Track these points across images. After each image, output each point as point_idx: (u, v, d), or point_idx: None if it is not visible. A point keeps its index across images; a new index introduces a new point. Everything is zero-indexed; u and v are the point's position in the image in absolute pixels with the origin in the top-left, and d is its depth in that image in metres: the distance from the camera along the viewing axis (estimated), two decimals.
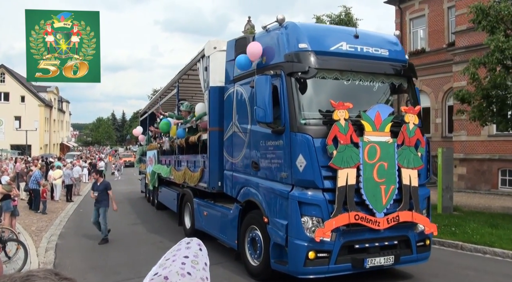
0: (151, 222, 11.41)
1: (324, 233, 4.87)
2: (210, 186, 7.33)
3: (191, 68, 9.47)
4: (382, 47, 5.81)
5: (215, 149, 7.29)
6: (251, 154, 5.99)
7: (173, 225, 10.77)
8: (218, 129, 7.27)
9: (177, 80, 10.50)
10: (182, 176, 9.30)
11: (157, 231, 10.07)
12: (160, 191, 13.05)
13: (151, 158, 14.20)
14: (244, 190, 6.20)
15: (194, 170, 8.45)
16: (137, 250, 8.01)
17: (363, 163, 5.14)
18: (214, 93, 7.33)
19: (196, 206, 8.30)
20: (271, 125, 5.30)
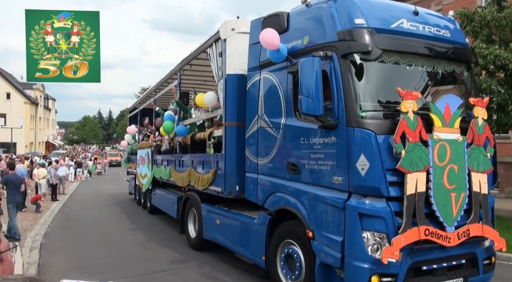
0: (138, 222, 11.13)
1: (393, 252, 3.90)
2: (226, 191, 6.28)
3: (197, 56, 8.38)
4: (442, 27, 4.88)
5: (233, 147, 6.24)
6: (286, 154, 4.97)
7: (163, 226, 10.52)
8: (237, 124, 6.22)
9: (179, 70, 9.37)
10: (185, 178, 8.20)
11: (144, 230, 9.91)
12: (154, 194, 11.88)
13: (143, 157, 13.00)
14: (275, 197, 5.18)
15: (203, 171, 7.37)
16: (123, 250, 7.94)
17: (433, 165, 4.20)
18: (232, 82, 6.27)
19: (205, 213, 7.23)
20: (320, 118, 4.29)
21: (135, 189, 15.05)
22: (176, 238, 8.85)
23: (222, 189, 6.41)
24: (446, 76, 4.86)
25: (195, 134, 8.15)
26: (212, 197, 7.36)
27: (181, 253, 7.61)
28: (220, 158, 6.57)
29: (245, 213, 6.08)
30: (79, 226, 10.87)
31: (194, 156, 8.08)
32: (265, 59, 5.44)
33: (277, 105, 5.19)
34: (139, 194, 14.30)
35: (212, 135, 7.07)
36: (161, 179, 10.76)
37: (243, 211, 6.29)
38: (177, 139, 9.37)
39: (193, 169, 7.88)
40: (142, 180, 13.05)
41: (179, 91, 9.34)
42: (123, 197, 16.83)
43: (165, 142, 10.38)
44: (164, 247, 8.12)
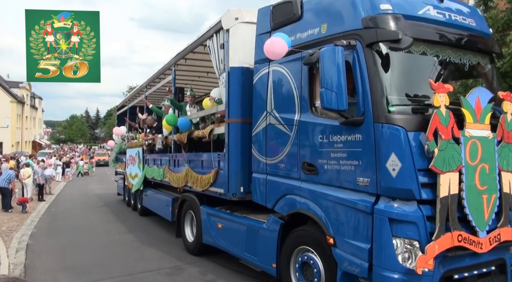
0: (127, 223, 10.90)
1: (427, 261, 3.53)
2: (230, 192, 5.84)
3: (193, 49, 7.92)
4: (467, 16, 4.53)
5: (237, 146, 5.81)
6: (300, 153, 4.56)
7: (152, 227, 10.27)
8: (241, 121, 5.79)
9: (174, 65, 8.88)
10: (182, 179, 7.73)
11: (131, 230, 9.74)
12: (145, 195, 11.35)
13: (133, 156, 12.45)
14: (288, 199, 4.77)
15: (203, 171, 6.91)
16: (110, 250, 7.82)
17: (465, 165, 3.85)
18: (235, 76, 5.83)
19: (205, 216, 6.77)
20: (344, 114, 3.89)
21: (124, 190, 14.46)
22: (164, 238, 8.76)
23: (224, 190, 5.97)
24: (471, 68, 4.51)
25: (192, 132, 7.68)
26: (212, 199, 6.92)
27: (169, 254, 7.44)
28: (222, 157, 6.13)
29: (252, 217, 5.66)
30: (66, 227, 10.62)
31: (192, 155, 7.61)
32: None
33: (290, 100, 4.78)
34: (128, 195, 13.73)
35: (213, 133, 6.61)
36: (154, 180, 10.25)
37: (248, 214, 5.86)
38: (171, 137, 8.90)
39: (190, 169, 7.41)
40: (132, 180, 12.51)
41: (174, 86, 8.85)
42: (111, 197, 16.31)
43: (158, 141, 9.86)
44: (152, 247, 8.00)
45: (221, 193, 6.16)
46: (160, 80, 10.69)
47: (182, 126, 8.08)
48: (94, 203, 15.45)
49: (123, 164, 14.10)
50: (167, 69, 9.72)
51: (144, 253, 7.52)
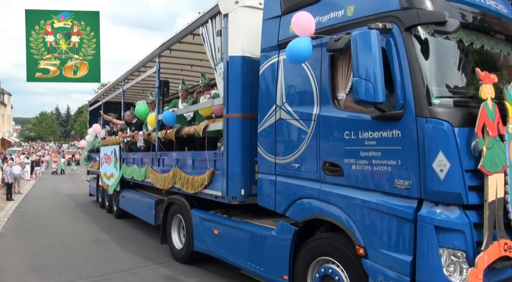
0: (97, 222, 10.68)
1: (477, 275, 3.10)
2: (229, 195, 5.26)
3: (182, 39, 7.27)
4: (497, 1, 4.16)
5: (237, 143, 5.24)
6: (321, 151, 4.04)
7: (123, 226, 10.06)
8: (242, 116, 5.22)
9: (158, 56, 8.16)
10: (169, 180, 7.06)
11: (102, 231, 9.55)
12: (122, 196, 10.55)
13: (108, 155, 11.58)
14: (304, 204, 4.24)
15: (195, 172, 6.28)
16: (80, 251, 7.64)
17: (510, 165, 3.46)
18: (235, 66, 5.25)
19: (197, 221, 6.14)
20: (381, 107, 3.40)
21: (97, 190, 13.54)
22: (135, 238, 8.64)
23: (222, 193, 5.38)
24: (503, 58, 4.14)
25: (181, 129, 7.02)
26: (204, 202, 6.31)
27: (140, 254, 7.32)
28: (219, 156, 5.53)
29: (255, 223, 5.10)
30: (35, 227, 10.29)
31: (182, 154, 6.96)
32: (287, 37, 4.48)
33: (306, 92, 4.25)
34: (102, 196, 12.84)
35: (207, 129, 5.99)
36: (134, 180, 9.49)
37: (250, 219, 5.30)
38: (155, 135, 8.18)
39: (179, 169, 6.76)
40: (107, 180, 11.64)
41: (158, 79, 8.13)
42: (83, 198, 15.43)
43: (139, 138, 9.10)
44: (123, 247, 7.88)
45: (217, 196, 5.56)
46: (140, 74, 9.93)
47: (167, 121, 7.41)
48: (64, 203, 14.68)
49: (97, 163, 13.17)
50: (149, 61, 8.99)
51: (114, 254, 7.39)
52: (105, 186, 11.74)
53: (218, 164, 5.58)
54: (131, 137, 9.81)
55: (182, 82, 7.90)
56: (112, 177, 11.19)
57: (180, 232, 7.12)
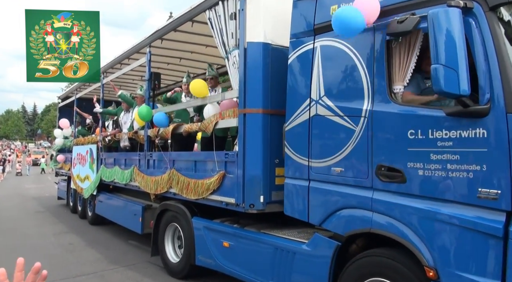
0: (63, 224, 10.35)
1: None
2: (246, 203, 4.54)
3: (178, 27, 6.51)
4: None
5: (257, 143, 4.53)
6: (374, 153, 3.41)
7: (89, 228, 9.81)
8: (263, 111, 4.53)
9: (149, 45, 7.32)
10: (163, 184, 6.25)
11: (68, 232, 9.32)
12: (99, 201, 9.56)
13: (82, 155, 10.54)
14: (350, 215, 3.59)
15: (198, 175, 5.51)
16: (45, 253, 7.33)
17: None
18: (255, 53, 4.56)
19: (200, 231, 5.38)
20: (465, 100, 2.82)
21: (67, 194, 12.40)
22: (101, 240, 8.43)
23: (237, 200, 4.66)
24: None
25: (179, 127, 6.23)
26: (205, 209, 5.58)
27: (106, 256, 7.13)
28: (232, 157, 4.80)
29: (279, 234, 4.41)
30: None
31: (182, 155, 6.16)
32: (326, 20, 3.85)
33: (353, 84, 3.62)
34: (74, 199, 11.72)
35: (216, 126, 5.24)
36: (114, 183, 8.54)
37: (269, 230, 4.62)
38: (143, 133, 7.34)
39: (177, 172, 5.96)
40: (81, 183, 10.58)
41: (148, 71, 7.28)
42: (51, 201, 14.26)
43: (123, 137, 8.19)
44: (88, 249, 7.72)
45: (229, 203, 4.83)
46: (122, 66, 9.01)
47: (159, 123, 6.58)
48: (30, 205, 13.69)
49: (68, 164, 12.01)
50: (135, 52, 8.12)
51: (80, 256, 7.23)
52: (79, 189, 10.65)
53: (230, 166, 4.86)
54: (112, 136, 8.86)
55: (187, 75, 7.10)
56: (87, 179, 10.16)
57: (175, 242, 6.32)
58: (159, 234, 6.43)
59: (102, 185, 9.38)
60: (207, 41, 7.66)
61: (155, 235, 6.51)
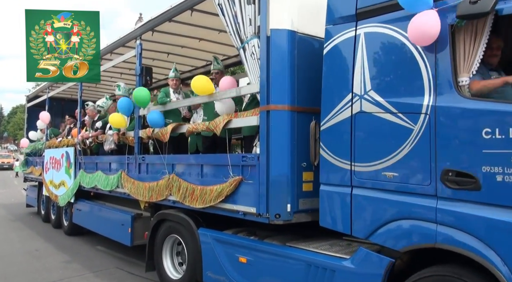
0: (30, 230, 9.98)
1: None
2: (270, 213, 3.96)
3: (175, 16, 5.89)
4: None
5: (285, 144, 3.95)
6: (439, 156, 2.93)
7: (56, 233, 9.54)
8: (291, 108, 3.98)
9: (139, 37, 6.61)
10: (160, 191, 5.58)
11: (34, 238, 9.04)
12: (78, 209, 8.70)
13: (56, 159, 9.62)
14: (407, 227, 3.10)
15: (205, 180, 4.87)
16: (10, 260, 7.21)
17: None
18: (281, 42, 3.98)
19: (209, 244, 4.74)
20: None
21: (39, 201, 11.34)
22: (68, 246, 8.21)
23: (259, 209, 4.07)
24: None
25: (178, 127, 5.58)
26: (211, 218, 4.98)
27: (74, 262, 7.00)
28: (252, 160, 4.21)
29: (309, 248, 3.87)
30: None
31: (185, 158, 5.50)
32: (370, 3, 3.37)
33: (409, 75, 3.13)
34: (46, 207, 10.70)
35: (229, 125, 4.64)
36: (96, 190, 7.73)
37: (297, 243, 4.07)
38: (133, 134, 6.62)
39: (177, 177, 5.30)
40: (55, 190, 9.63)
41: (139, 65, 6.57)
42: (19, 209, 13.08)
43: (108, 139, 7.40)
44: (55, 256, 7.50)
45: (248, 213, 4.23)
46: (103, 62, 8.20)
47: (154, 123, 5.89)
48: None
49: (39, 168, 10.98)
50: (121, 46, 7.37)
51: (47, 263, 6.99)
52: (53, 197, 9.69)
53: (249, 171, 4.26)
54: (94, 138, 8.04)
55: (174, 68, 6.43)
56: (63, 186, 9.24)
57: (173, 256, 5.64)
58: (155, 247, 5.73)
59: (81, 192, 8.53)
60: (203, 34, 7.07)
61: (150, 248, 5.80)
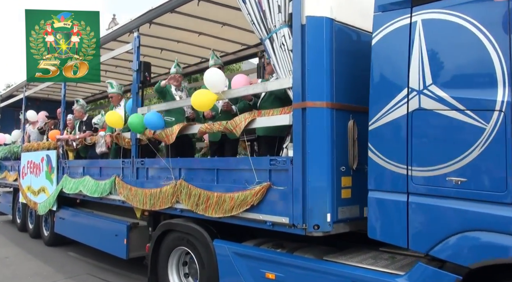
0: (5, 235, 9.69)
1: None
2: (308, 223, 3.50)
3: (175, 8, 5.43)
4: None
5: (324, 145, 3.51)
6: None
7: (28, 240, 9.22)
8: (331, 105, 3.55)
9: (136, 29, 6.03)
10: (166, 198, 5.03)
11: (4, 246, 8.72)
12: (61, 217, 7.97)
13: (35, 163, 8.86)
14: (479, 239, 2.73)
15: (223, 187, 4.36)
16: None
17: None
18: (319, 31, 3.55)
19: (230, 258, 4.22)
20: None
21: (14, 208, 10.44)
22: (39, 253, 7.93)
23: (293, 219, 3.60)
24: None
25: (187, 127, 5.05)
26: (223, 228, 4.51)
27: (45, 269, 6.80)
28: (283, 164, 3.74)
29: (354, 264, 3.44)
30: None
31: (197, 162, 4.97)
32: None
33: (480, 68, 2.76)
34: (23, 216, 9.85)
35: (252, 125, 4.16)
36: (83, 197, 7.07)
37: (335, 256, 3.64)
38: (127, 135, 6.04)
39: (187, 183, 4.77)
40: (33, 197, 8.84)
41: (137, 60, 5.99)
42: None
43: (99, 140, 6.74)
44: (26, 263, 7.29)
45: (279, 224, 3.75)
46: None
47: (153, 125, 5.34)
48: None
49: (13, 173, 10.10)
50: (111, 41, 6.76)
51: (17, 270, 6.83)
52: (31, 204, 8.88)
53: (279, 176, 3.79)
54: (81, 140, 7.35)
55: (176, 64, 5.88)
56: (43, 192, 8.47)
57: (180, 271, 5.10)
58: (159, 260, 5.17)
59: (65, 199, 7.81)
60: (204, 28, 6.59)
61: (154, 262, 5.23)
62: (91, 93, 11.50)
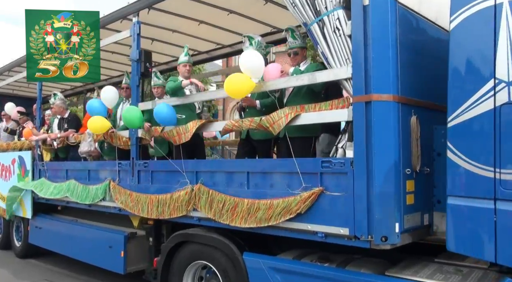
0: None
1: None
2: (375, 234, 3.01)
3: None
4: None
5: (392, 145, 3.04)
6: None
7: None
8: (399, 99, 3.11)
9: (136, 14, 5.34)
10: (180, 205, 4.40)
11: None
12: (37, 226, 7.09)
13: (5, 166, 7.88)
14: None
15: (254, 193, 3.80)
16: None
17: None
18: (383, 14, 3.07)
19: (266, 274, 3.64)
20: None
21: None
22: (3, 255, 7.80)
23: (354, 230, 3.11)
24: None
25: (207, 125, 4.45)
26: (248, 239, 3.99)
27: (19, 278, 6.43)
28: (341, 167, 3.25)
29: (424, 280, 3.03)
30: None
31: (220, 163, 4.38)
32: None
33: None
34: None
35: (295, 122, 3.64)
36: (67, 203, 6.26)
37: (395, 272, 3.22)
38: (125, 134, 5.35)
39: (206, 188, 4.18)
40: (2, 203, 7.80)
41: (137, 48, 5.29)
42: None
43: (86, 139, 5.95)
44: None
45: (336, 235, 3.25)
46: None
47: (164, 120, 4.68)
48: None
49: None
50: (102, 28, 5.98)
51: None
52: (0, 211, 7.83)
53: (333, 180, 3.29)
54: (63, 139, 6.51)
55: (187, 52, 5.24)
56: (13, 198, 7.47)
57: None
58: (172, 276, 4.54)
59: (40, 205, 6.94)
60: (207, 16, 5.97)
61: (165, 279, 4.59)
62: (70, 86, 10.42)
